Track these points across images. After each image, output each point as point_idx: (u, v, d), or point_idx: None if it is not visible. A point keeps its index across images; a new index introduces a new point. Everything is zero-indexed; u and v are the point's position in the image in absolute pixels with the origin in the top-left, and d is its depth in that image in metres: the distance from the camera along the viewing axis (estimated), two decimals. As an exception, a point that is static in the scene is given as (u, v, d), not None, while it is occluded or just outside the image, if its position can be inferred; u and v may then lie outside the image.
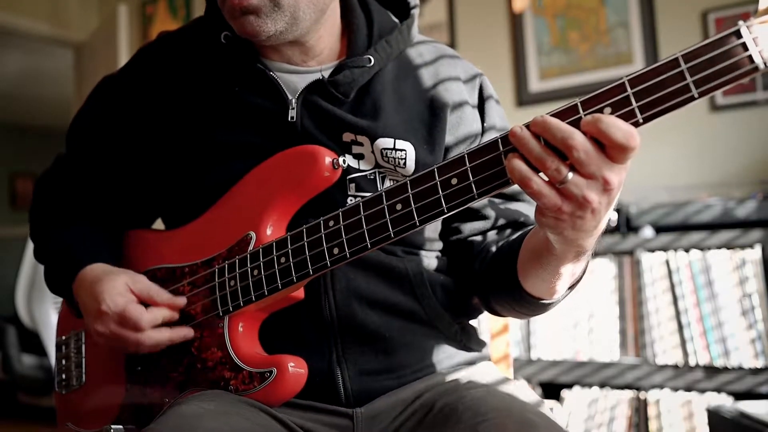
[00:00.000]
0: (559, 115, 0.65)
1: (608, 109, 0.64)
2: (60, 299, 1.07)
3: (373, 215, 0.77)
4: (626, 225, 2.18)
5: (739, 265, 1.98)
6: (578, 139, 0.62)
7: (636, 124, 0.63)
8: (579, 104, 0.65)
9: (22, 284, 3.06)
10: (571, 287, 0.84)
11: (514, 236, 0.92)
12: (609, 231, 2.16)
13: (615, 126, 0.61)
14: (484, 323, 1.34)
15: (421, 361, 0.90)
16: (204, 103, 0.94)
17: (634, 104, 0.63)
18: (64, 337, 1.07)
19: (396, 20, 1.00)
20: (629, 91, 0.63)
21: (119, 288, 0.89)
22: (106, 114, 1.01)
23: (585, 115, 0.64)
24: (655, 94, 0.62)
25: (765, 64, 0.59)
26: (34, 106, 6.44)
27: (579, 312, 2.19)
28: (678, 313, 2.04)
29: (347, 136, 0.90)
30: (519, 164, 0.65)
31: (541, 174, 0.65)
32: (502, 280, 0.88)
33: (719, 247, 2.02)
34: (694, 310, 2.02)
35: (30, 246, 1.05)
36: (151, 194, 1.02)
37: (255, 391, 0.83)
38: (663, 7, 2.54)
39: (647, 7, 2.56)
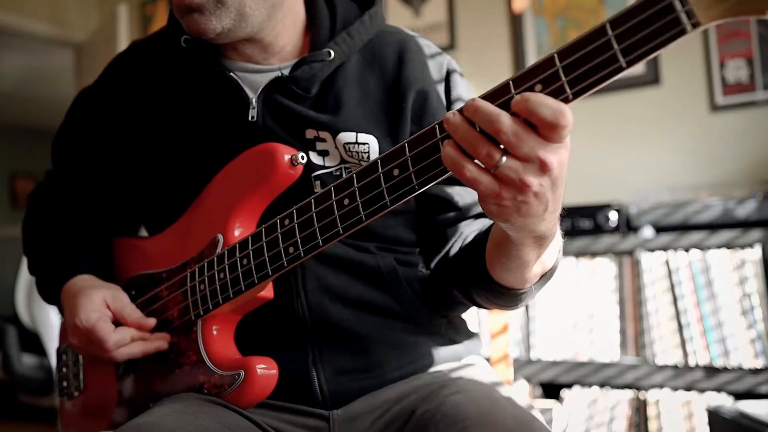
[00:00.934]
0: (491, 96, 0.62)
1: (539, 86, 0.60)
2: (60, 299, 1.08)
3: (323, 211, 0.75)
4: (626, 225, 2.18)
5: (739, 265, 1.98)
6: (505, 122, 0.59)
7: (566, 100, 0.59)
8: (511, 83, 0.61)
9: (22, 284, 3.06)
10: (546, 275, 0.82)
11: (485, 227, 0.90)
12: (609, 231, 2.16)
13: (543, 104, 0.57)
14: (484, 323, 1.34)
15: (401, 357, 0.89)
16: (170, 109, 0.94)
17: (563, 79, 0.59)
18: (63, 346, 1.08)
19: (360, 11, 0.98)
20: (558, 65, 0.59)
21: (96, 303, 0.89)
22: (85, 127, 1.03)
23: (516, 94, 0.60)
24: (582, 66, 0.58)
25: (693, 25, 0.54)
26: (34, 106, 6.44)
27: (579, 312, 2.19)
28: (678, 313, 2.04)
29: (310, 133, 0.89)
30: (450, 151, 0.63)
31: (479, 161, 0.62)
32: (475, 272, 0.86)
33: (719, 247, 2.02)
34: (694, 310, 2.02)
35: (27, 268, 1.07)
36: (132, 201, 1.03)
37: (226, 394, 0.83)
38: (663, 7, 2.54)
39: (647, 7, 2.56)
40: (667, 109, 2.48)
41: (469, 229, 0.94)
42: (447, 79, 0.96)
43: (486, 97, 0.62)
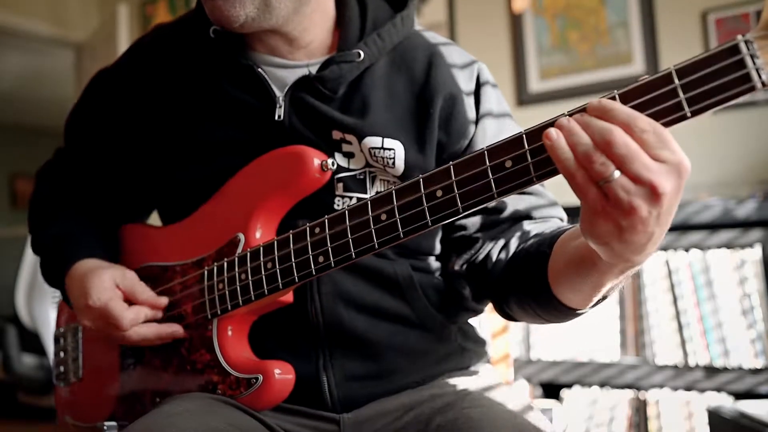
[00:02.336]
0: (542, 129, 0.62)
1: None
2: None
3: (358, 225, 0.75)
4: (626, 225, 2.18)
5: (739, 265, 1.98)
6: (618, 134, 0.56)
7: None
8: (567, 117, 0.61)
9: (22, 284, 3.06)
10: (607, 296, 0.77)
11: (541, 237, 0.85)
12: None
13: (614, 107, 0.58)
14: (485, 323, 1.34)
15: (411, 365, 0.89)
16: (193, 98, 0.93)
17: None
18: (62, 329, 1.07)
19: (392, 12, 0.96)
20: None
21: (106, 283, 0.89)
22: (101, 107, 1.01)
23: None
24: (646, 110, 0.58)
25: (763, 83, 0.55)
26: (34, 106, 6.44)
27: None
28: (678, 313, 2.04)
29: (336, 134, 0.88)
30: (566, 156, 0.59)
31: None
32: (529, 285, 0.81)
33: (719, 247, 2.02)
34: (694, 310, 2.02)
35: (30, 246, 1.05)
36: (145, 187, 1.02)
37: (242, 397, 0.83)
38: (663, 7, 2.54)
39: (647, 7, 2.56)
40: (667, 109, 2.48)
41: (506, 234, 0.90)
42: (477, 92, 0.94)
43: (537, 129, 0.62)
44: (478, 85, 0.94)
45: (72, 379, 1.03)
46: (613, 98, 0.60)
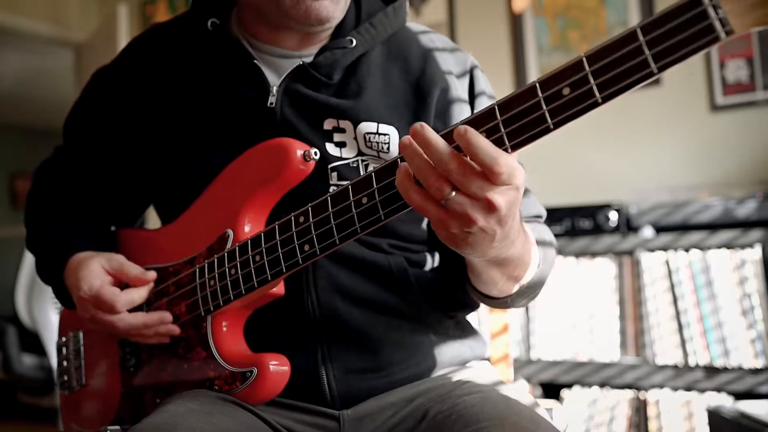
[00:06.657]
0: (518, 97, 0.62)
1: (567, 89, 0.60)
2: (60, 299, 1.08)
3: (340, 210, 0.75)
4: (626, 225, 2.18)
5: (739, 265, 1.98)
6: (454, 162, 0.60)
7: (595, 104, 0.59)
8: (538, 86, 0.61)
9: (22, 284, 3.06)
10: (527, 290, 0.85)
11: None
12: (609, 231, 2.16)
13: (480, 147, 0.59)
14: (485, 323, 1.35)
15: (409, 358, 0.89)
16: (190, 93, 0.94)
17: (592, 82, 0.59)
18: (64, 339, 1.08)
19: (384, 5, 0.99)
20: (587, 69, 0.59)
21: (95, 271, 0.90)
22: (99, 106, 1.03)
23: (543, 96, 0.60)
24: (613, 71, 0.58)
25: (727, 33, 0.54)
26: (34, 106, 6.43)
27: (579, 312, 2.19)
28: (678, 313, 2.04)
29: (329, 123, 0.89)
30: (401, 178, 0.65)
31: None
32: (462, 274, 0.90)
33: (719, 247, 2.02)
34: (694, 310, 2.02)
35: (26, 243, 1.06)
36: (143, 184, 1.03)
37: (238, 391, 0.83)
38: (663, 7, 2.53)
39: (647, 7, 2.56)
40: (667, 109, 2.48)
41: None
42: (471, 74, 0.98)
43: (518, 95, 0.62)
44: (472, 68, 0.99)
45: (75, 387, 1.04)
46: (580, 61, 0.59)
